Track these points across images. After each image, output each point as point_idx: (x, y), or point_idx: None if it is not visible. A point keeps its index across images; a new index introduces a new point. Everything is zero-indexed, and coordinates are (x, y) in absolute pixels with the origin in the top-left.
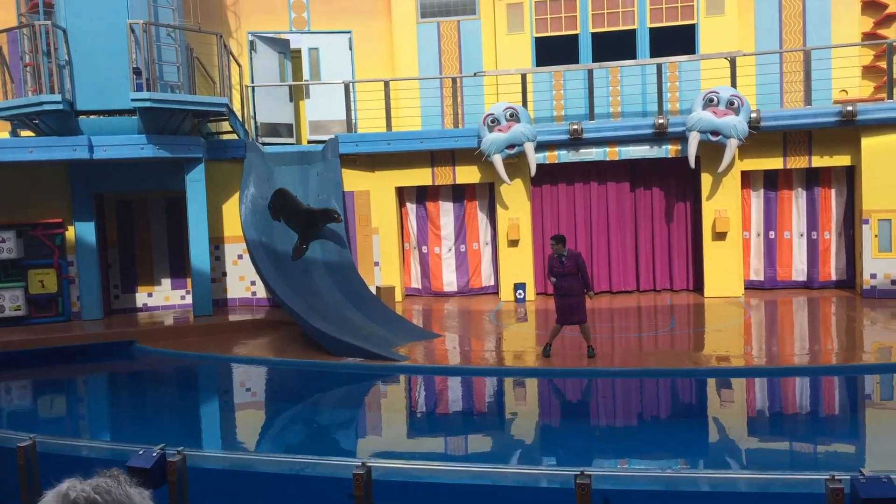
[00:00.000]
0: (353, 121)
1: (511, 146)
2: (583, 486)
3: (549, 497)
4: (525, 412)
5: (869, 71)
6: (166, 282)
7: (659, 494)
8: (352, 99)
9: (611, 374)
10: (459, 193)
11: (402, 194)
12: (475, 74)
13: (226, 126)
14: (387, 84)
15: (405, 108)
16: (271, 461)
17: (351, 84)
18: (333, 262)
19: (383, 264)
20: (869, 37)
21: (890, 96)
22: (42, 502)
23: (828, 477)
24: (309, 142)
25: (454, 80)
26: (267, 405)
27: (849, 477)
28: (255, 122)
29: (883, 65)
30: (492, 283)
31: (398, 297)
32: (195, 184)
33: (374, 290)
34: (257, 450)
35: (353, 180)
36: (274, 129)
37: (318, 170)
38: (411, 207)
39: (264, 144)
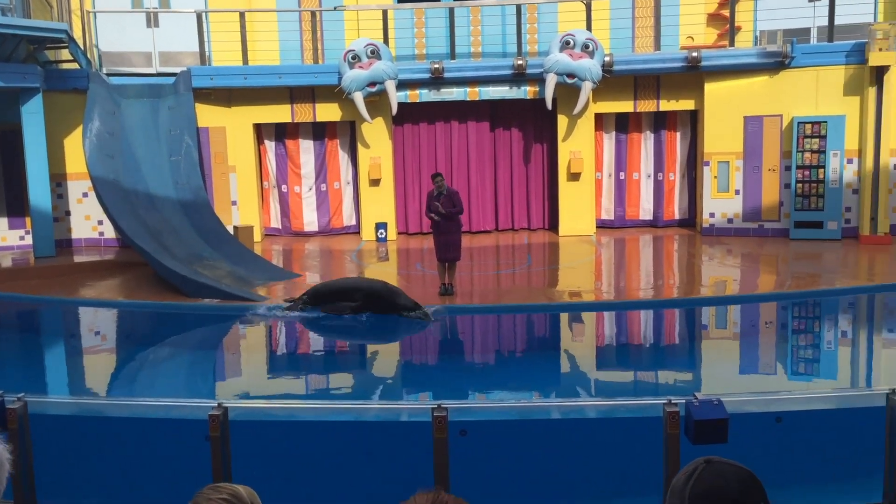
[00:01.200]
0: (207, 53)
1: (372, 84)
2: (440, 418)
3: (409, 431)
4: (385, 350)
5: (713, 18)
6: (2, 221)
7: (513, 424)
8: (205, 30)
9: (470, 310)
10: (320, 131)
11: (261, 131)
12: (336, 9)
13: (66, 55)
14: (242, 15)
15: (263, 41)
16: (122, 405)
17: (204, 14)
18: (187, 200)
19: (241, 203)
20: None
21: (731, 43)
22: None
23: (665, 401)
24: (159, 74)
25: (314, 13)
26: (118, 349)
27: (684, 401)
28: (98, 51)
29: (726, 13)
30: (353, 222)
31: (257, 236)
32: (32, 116)
33: (231, 230)
34: (108, 395)
35: (208, 116)
36: (124, 59)
37: (169, 104)
38: (270, 145)
39: (110, 75)
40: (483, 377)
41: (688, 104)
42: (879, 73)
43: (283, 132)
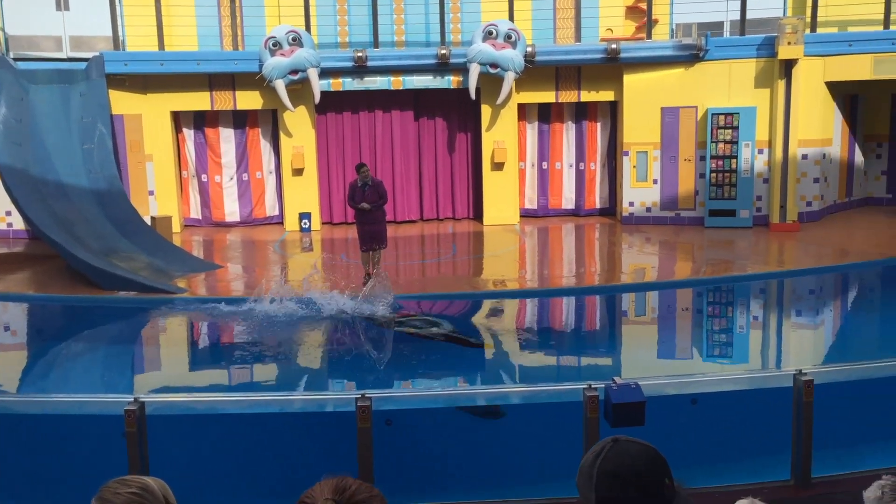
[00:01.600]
0: (121, 38)
1: (294, 72)
2: (363, 408)
3: (334, 421)
4: (310, 341)
5: (632, 11)
6: None
7: (438, 412)
8: (118, 13)
9: (398, 298)
10: (241, 119)
11: (179, 119)
12: None
13: None
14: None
15: (180, 26)
16: (33, 402)
17: None
18: (102, 189)
19: (159, 193)
20: None
21: (649, 36)
22: None
23: (585, 386)
24: (70, 59)
25: None
26: (29, 345)
27: (603, 385)
28: (4, 35)
29: (644, 6)
30: (276, 212)
31: (176, 227)
32: None
33: (148, 221)
34: (19, 392)
35: (123, 103)
36: (32, 43)
37: (80, 90)
38: (189, 133)
39: (17, 60)
40: (408, 366)
41: (608, 95)
42: (788, 66)
43: (202, 120)
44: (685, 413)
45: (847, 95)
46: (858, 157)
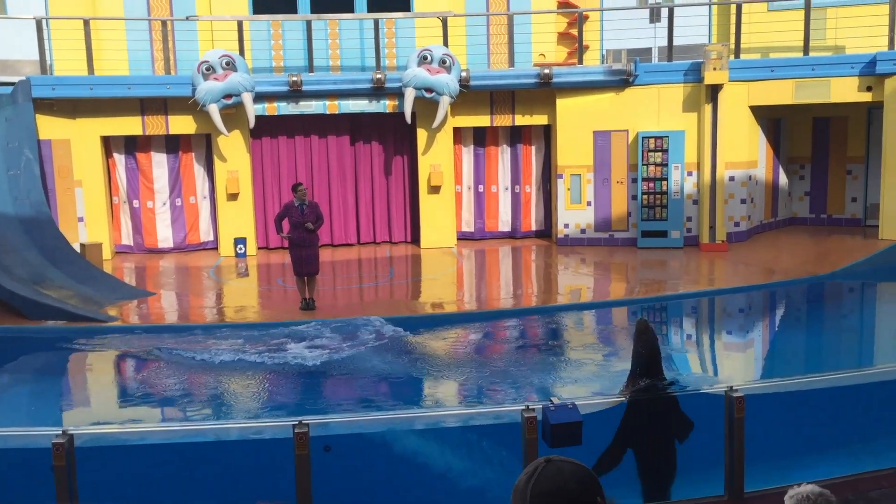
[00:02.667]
0: (49, 62)
1: (228, 96)
2: (301, 434)
3: (271, 449)
4: (247, 367)
5: (563, 37)
6: None
7: (378, 436)
8: (46, 37)
9: (333, 324)
10: (173, 144)
11: (109, 144)
12: (188, 18)
13: None
14: (87, 23)
15: (110, 49)
16: None
17: (44, 20)
18: (28, 216)
19: (88, 220)
20: (563, 5)
21: (580, 61)
22: None
23: (523, 407)
24: None
25: (165, 22)
26: None
27: (541, 406)
28: None
29: (575, 32)
30: (211, 238)
31: (106, 254)
32: None
33: (78, 248)
34: None
35: (51, 128)
36: None
37: (6, 115)
38: (119, 158)
39: None
40: (347, 391)
41: (541, 119)
42: (714, 91)
43: (133, 145)
44: None
45: (770, 119)
46: (783, 179)
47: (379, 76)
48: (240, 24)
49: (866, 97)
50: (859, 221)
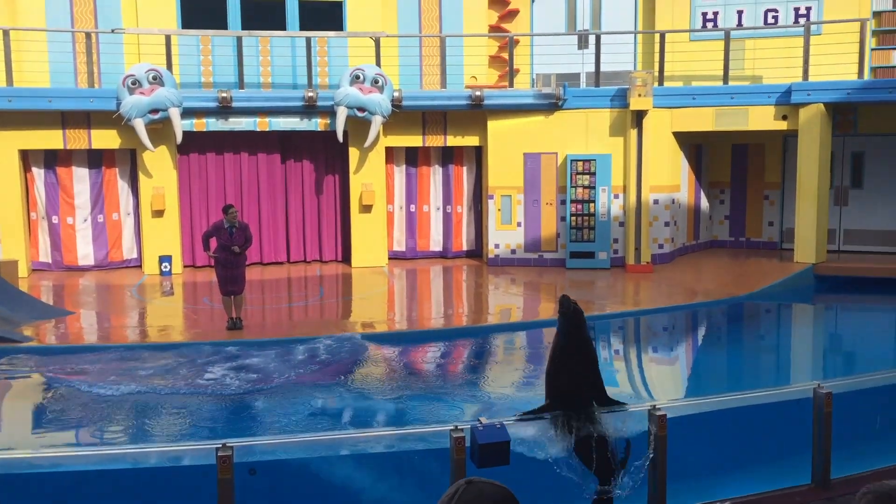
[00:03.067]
0: None
1: (154, 111)
2: (224, 458)
3: (193, 475)
4: (167, 388)
5: (494, 60)
6: None
7: (306, 461)
8: None
9: (261, 344)
10: (96, 159)
11: (27, 158)
12: (113, 31)
13: None
14: (6, 33)
15: (31, 61)
16: None
17: None
18: None
19: (4, 236)
20: (494, 29)
21: (511, 84)
22: None
23: (452, 427)
24: None
25: (88, 34)
26: None
27: (469, 426)
28: None
29: (506, 55)
30: (134, 255)
31: (23, 271)
32: None
33: None
34: None
35: None
36: None
37: None
38: (38, 173)
39: None
40: (272, 413)
41: (473, 140)
42: (639, 117)
43: (53, 159)
44: None
45: (692, 145)
46: (704, 203)
47: (311, 94)
48: (168, 38)
49: (782, 125)
50: (776, 245)
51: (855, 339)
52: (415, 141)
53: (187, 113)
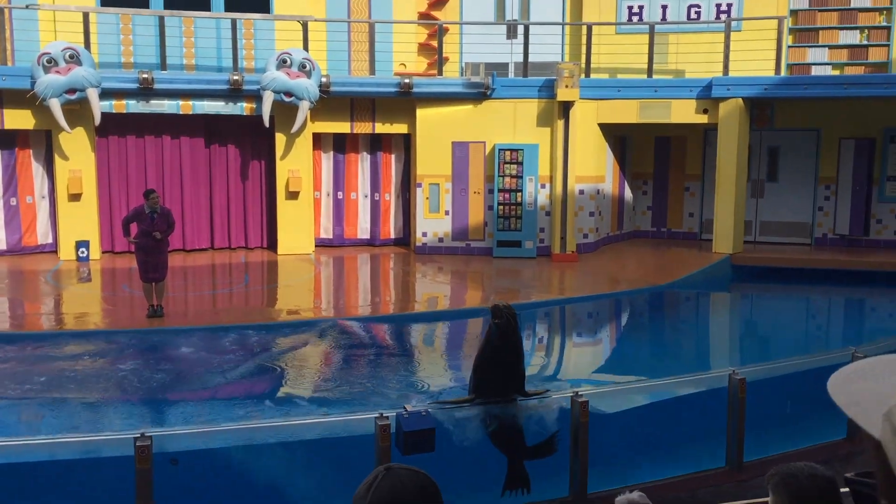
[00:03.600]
0: None
1: (71, 91)
2: (143, 448)
3: (113, 467)
4: (83, 379)
5: (424, 48)
6: None
7: (230, 450)
8: None
9: (183, 332)
10: (9, 140)
11: None
12: (27, 7)
13: None
14: None
15: None
16: None
17: None
18: None
19: None
20: (424, 17)
21: (440, 73)
22: None
23: (377, 415)
24: None
25: (1, 10)
26: None
27: (395, 413)
28: None
29: (435, 43)
30: (50, 240)
31: None
32: None
33: None
34: None
35: None
36: None
37: None
38: None
39: None
40: (195, 402)
41: (401, 128)
42: (566, 108)
43: None
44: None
45: (617, 136)
46: (628, 194)
47: (236, 77)
48: (86, 16)
49: (702, 119)
50: (695, 235)
51: (768, 327)
52: (343, 127)
53: (106, 94)
